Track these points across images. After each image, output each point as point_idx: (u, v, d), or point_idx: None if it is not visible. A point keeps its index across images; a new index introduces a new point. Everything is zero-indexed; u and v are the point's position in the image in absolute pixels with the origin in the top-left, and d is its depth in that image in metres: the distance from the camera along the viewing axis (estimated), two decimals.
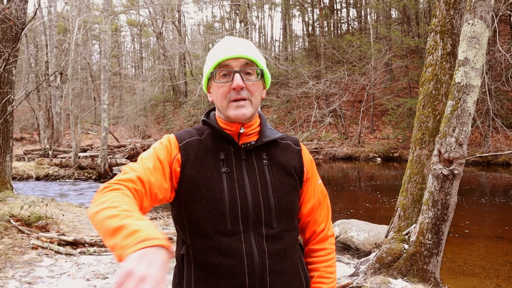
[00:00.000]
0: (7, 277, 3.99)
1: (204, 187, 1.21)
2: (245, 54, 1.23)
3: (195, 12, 65.34)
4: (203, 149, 1.27)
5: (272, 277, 1.20)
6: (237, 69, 1.22)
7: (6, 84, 8.11)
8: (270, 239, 1.21)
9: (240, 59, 1.23)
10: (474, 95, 3.48)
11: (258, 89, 1.27)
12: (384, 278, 3.67)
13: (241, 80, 1.21)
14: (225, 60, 1.23)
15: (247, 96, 1.23)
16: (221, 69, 1.24)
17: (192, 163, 1.24)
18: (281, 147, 1.34)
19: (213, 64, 1.25)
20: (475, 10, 3.47)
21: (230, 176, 1.23)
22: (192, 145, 1.27)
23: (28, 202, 5.82)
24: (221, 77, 1.24)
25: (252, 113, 1.25)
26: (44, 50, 23.87)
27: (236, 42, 1.27)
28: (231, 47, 1.25)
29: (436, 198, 3.59)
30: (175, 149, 1.25)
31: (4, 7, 7.60)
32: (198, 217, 1.20)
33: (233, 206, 1.19)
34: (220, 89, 1.24)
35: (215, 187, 1.21)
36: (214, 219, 1.19)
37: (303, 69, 24.93)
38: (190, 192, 1.21)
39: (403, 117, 21.26)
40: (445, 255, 4.57)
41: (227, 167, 1.24)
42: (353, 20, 35.82)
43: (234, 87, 1.21)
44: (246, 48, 1.25)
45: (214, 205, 1.19)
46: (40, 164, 14.70)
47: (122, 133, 31.70)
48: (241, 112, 1.23)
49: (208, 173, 1.23)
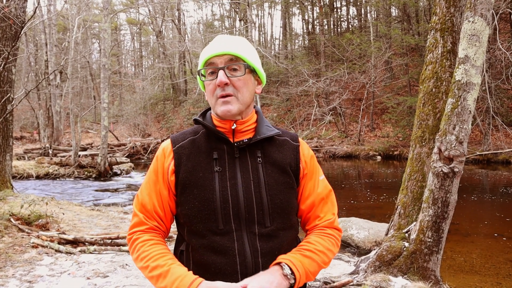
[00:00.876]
0: (8, 276, 3.99)
1: (196, 188, 1.22)
2: (229, 50, 1.23)
3: (195, 11, 65.26)
4: (196, 149, 1.28)
5: None
6: (221, 66, 1.23)
7: (5, 83, 8.10)
8: (263, 238, 1.21)
9: (224, 55, 1.23)
10: (474, 93, 3.47)
11: (245, 85, 1.26)
12: (384, 276, 3.67)
13: (225, 77, 1.21)
14: (210, 58, 1.24)
15: (233, 92, 1.23)
16: (207, 67, 1.26)
17: (185, 165, 1.25)
18: (277, 144, 1.33)
19: (201, 63, 1.27)
20: (476, 7, 3.46)
21: (223, 175, 1.23)
22: (185, 148, 1.28)
23: (28, 201, 5.82)
24: (209, 75, 1.26)
25: (239, 109, 1.25)
26: (44, 49, 23.85)
27: (224, 39, 1.27)
28: (217, 45, 1.25)
29: (436, 196, 3.58)
30: (168, 157, 1.29)
31: (3, 6, 7.58)
32: (191, 217, 1.22)
33: (224, 205, 1.20)
34: (208, 87, 1.27)
35: (207, 187, 1.22)
36: (206, 219, 1.20)
37: (303, 67, 24.89)
38: (184, 193, 1.24)
39: (403, 115, 21.24)
40: (445, 253, 4.58)
41: (219, 166, 1.24)
42: (353, 18, 35.79)
43: (218, 84, 1.22)
44: (233, 44, 1.25)
45: (206, 204, 1.20)
46: (40, 163, 14.69)
47: (122, 131, 31.68)
48: (226, 108, 1.23)
49: (200, 173, 1.24)
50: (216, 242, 1.19)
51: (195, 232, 1.22)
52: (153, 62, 44.49)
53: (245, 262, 1.18)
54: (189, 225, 1.24)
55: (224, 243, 1.19)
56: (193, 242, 1.23)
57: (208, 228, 1.20)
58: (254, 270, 1.18)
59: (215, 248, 1.18)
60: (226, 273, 1.17)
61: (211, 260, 1.19)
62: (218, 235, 1.19)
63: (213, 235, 1.20)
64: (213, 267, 1.19)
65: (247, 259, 1.18)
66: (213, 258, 1.19)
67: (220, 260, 1.18)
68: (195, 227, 1.22)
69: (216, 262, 1.18)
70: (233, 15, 36.95)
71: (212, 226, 1.20)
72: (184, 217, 1.24)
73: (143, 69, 46.56)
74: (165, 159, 1.29)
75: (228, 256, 1.18)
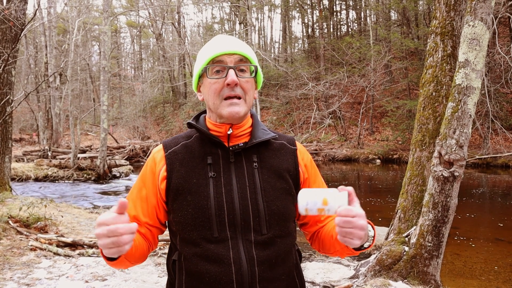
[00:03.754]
0: (5, 278, 3.97)
1: (190, 194, 1.18)
2: (240, 50, 1.20)
3: (195, 14, 65.24)
4: (190, 154, 1.23)
5: (262, 284, 1.15)
6: (231, 65, 1.18)
7: (5, 85, 8.10)
8: (259, 246, 1.16)
9: (234, 55, 1.19)
10: (474, 97, 3.47)
11: (252, 87, 1.23)
12: (384, 281, 3.66)
13: (236, 76, 1.17)
14: (219, 55, 1.19)
15: (241, 93, 1.19)
16: (214, 64, 1.20)
17: (177, 171, 1.21)
18: (274, 148, 1.28)
19: (206, 60, 1.20)
20: (476, 11, 3.46)
21: (217, 181, 1.18)
22: (178, 153, 1.24)
23: (27, 203, 5.80)
24: (214, 73, 1.20)
25: (245, 112, 1.22)
26: (44, 51, 23.86)
27: (229, 38, 1.24)
28: (225, 43, 1.21)
29: (436, 200, 3.58)
30: (160, 162, 1.24)
31: (3, 8, 7.59)
32: (184, 225, 1.17)
33: (219, 212, 1.15)
34: (213, 85, 1.20)
35: (201, 193, 1.17)
36: (200, 226, 1.15)
37: (302, 71, 24.91)
38: (177, 200, 1.19)
39: (403, 119, 21.27)
40: (445, 258, 4.56)
41: (214, 172, 1.20)
42: (352, 22, 35.91)
43: (229, 83, 1.17)
44: (240, 44, 1.22)
45: (200, 211, 1.15)
46: (39, 165, 14.66)
47: (122, 134, 31.65)
48: (234, 110, 1.18)
49: (194, 179, 1.19)
50: (210, 250, 1.14)
51: (188, 240, 1.18)
52: (152, 65, 44.54)
53: (241, 270, 1.13)
54: (182, 233, 1.19)
55: (218, 252, 1.14)
56: (186, 250, 1.18)
57: (202, 236, 1.15)
58: (250, 278, 1.13)
59: (209, 257, 1.14)
60: (221, 282, 1.13)
61: (205, 270, 1.14)
62: (213, 243, 1.14)
63: (207, 243, 1.15)
64: (207, 277, 1.14)
65: (242, 267, 1.13)
66: (207, 267, 1.14)
67: (215, 269, 1.14)
68: (188, 235, 1.17)
69: (210, 271, 1.14)
70: (233, 18, 37.07)
71: (207, 234, 1.15)
72: (177, 225, 1.20)
73: (142, 72, 46.60)
74: (155, 165, 1.24)
75: (223, 265, 1.13)
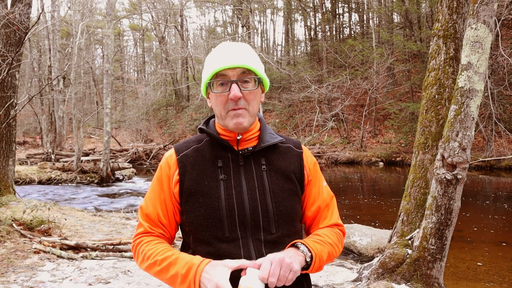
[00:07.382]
0: (9, 281, 3.98)
1: (202, 196, 1.24)
2: (242, 63, 1.23)
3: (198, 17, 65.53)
4: (201, 158, 1.30)
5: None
6: (234, 79, 1.23)
7: (9, 88, 8.15)
8: (269, 245, 1.22)
9: (237, 68, 1.23)
10: (477, 99, 3.47)
11: (256, 97, 1.28)
12: (387, 284, 3.65)
13: (238, 90, 1.22)
14: (222, 70, 1.23)
15: (244, 105, 1.25)
16: (218, 79, 1.25)
17: (189, 174, 1.27)
18: (281, 151, 1.35)
19: (210, 74, 1.25)
20: (478, 14, 3.46)
21: (228, 183, 1.25)
22: (189, 156, 1.30)
23: (30, 206, 5.82)
24: (219, 86, 1.25)
25: (249, 122, 1.27)
26: (47, 55, 23.99)
27: (233, 49, 1.26)
28: (228, 55, 1.24)
29: (439, 203, 3.57)
30: (173, 167, 1.30)
31: (8, 12, 7.64)
32: (197, 225, 1.23)
33: (230, 212, 1.21)
34: (218, 98, 1.26)
35: (213, 195, 1.23)
36: (211, 227, 1.21)
37: (305, 74, 24.92)
38: (189, 202, 1.25)
39: (406, 122, 21.22)
40: (448, 260, 4.55)
41: (224, 174, 1.26)
42: (355, 25, 35.93)
43: (232, 98, 1.22)
44: (244, 56, 1.25)
45: (212, 212, 1.22)
46: (42, 168, 14.72)
47: (125, 137, 31.75)
48: (238, 121, 1.24)
49: (206, 182, 1.25)
50: (222, 249, 1.20)
51: (201, 240, 1.24)
52: (155, 68, 44.67)
53: None
54: (195, 233, 1.25)
55: (230, 250, 1.20)
56: (199, 249, 1.24)
57: (214, 236, 1.21)
58: None
59: (221, 256, 1.19)
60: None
61: None
62: (224, 242, 1.21)
63: (219, 242, 1.21)
64: None
65: None
66: None
67: None
68: (201, 235, 1.23)
69: None
70: (236, 21, 37.15)
71: (218, 234, 1.21)
72: (190, 225, 1.26)
73: (145, 75, 46.78)
74: (169, 169, 1.31)
75: None
